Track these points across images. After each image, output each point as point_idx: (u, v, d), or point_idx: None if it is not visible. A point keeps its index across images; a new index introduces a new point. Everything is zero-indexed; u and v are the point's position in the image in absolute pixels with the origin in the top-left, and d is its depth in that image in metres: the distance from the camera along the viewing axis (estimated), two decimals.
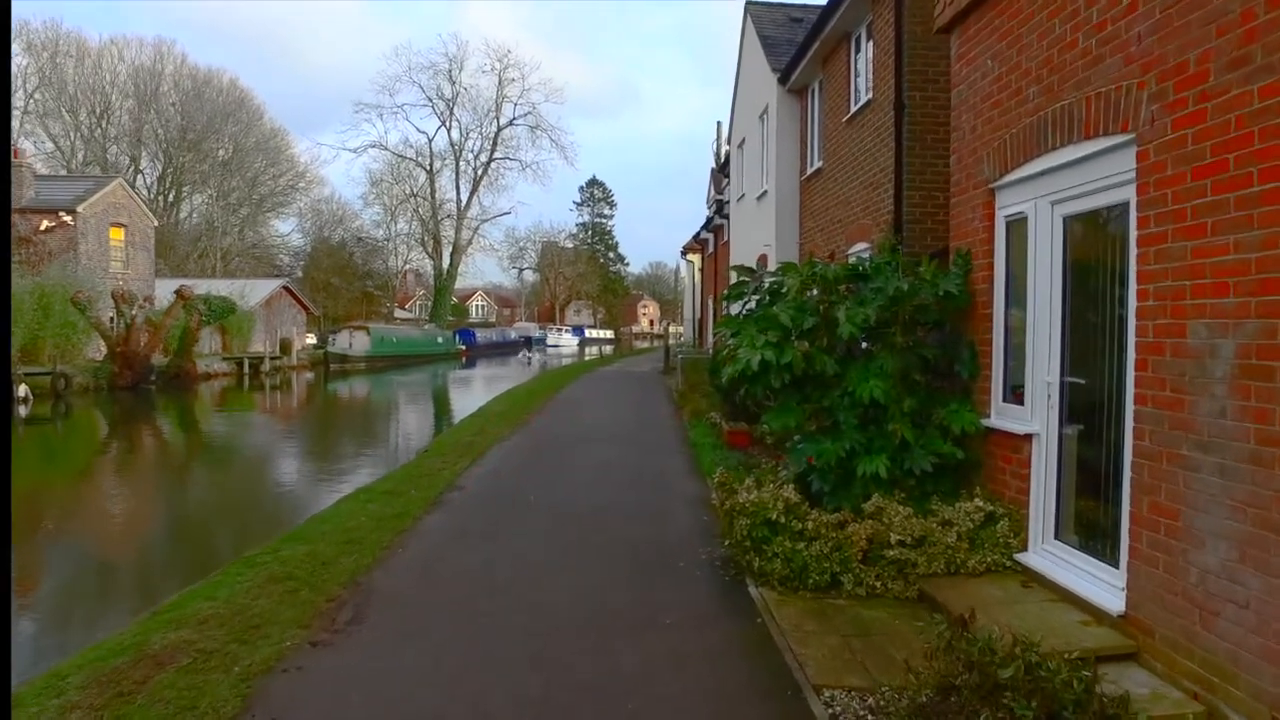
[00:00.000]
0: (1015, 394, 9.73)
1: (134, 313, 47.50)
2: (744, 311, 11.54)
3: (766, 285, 11.50)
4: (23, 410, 36.92)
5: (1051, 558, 9.01)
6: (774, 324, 10.54)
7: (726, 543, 10.27)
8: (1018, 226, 9.73)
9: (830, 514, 9.76)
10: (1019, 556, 9.32)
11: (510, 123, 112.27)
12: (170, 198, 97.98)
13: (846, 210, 18.33)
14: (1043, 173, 9.08)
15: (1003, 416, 9.90)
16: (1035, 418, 9.27)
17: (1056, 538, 9.07)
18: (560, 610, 8.93)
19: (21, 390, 39.26)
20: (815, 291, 10.98)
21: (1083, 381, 8.68)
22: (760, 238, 24.87)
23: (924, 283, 10.54)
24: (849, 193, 18.09)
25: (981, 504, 9.59)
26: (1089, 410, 8.56)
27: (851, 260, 14.51)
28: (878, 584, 9.29)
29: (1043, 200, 9.18)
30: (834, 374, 10.47)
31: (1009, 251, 9.95)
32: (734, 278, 11.93)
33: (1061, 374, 8.98)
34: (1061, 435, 9.03)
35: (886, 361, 10.37)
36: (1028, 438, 9.31)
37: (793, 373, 10.28)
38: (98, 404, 41.75)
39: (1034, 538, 9.30)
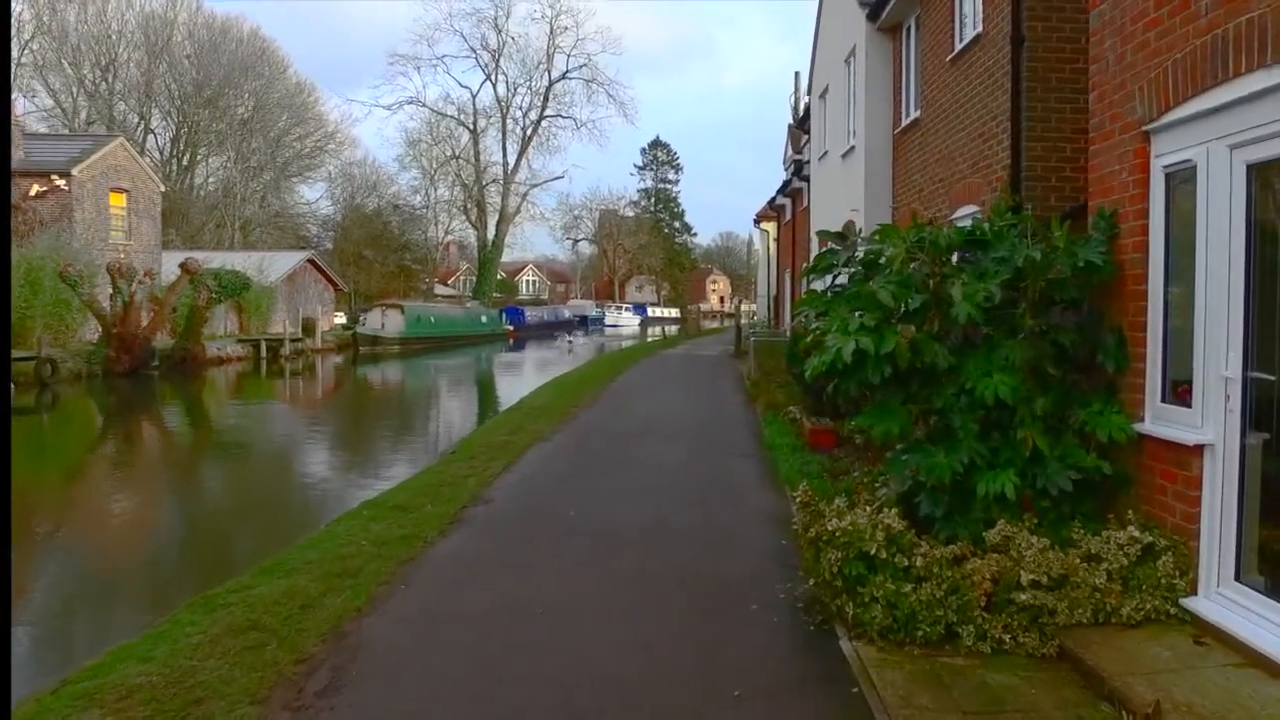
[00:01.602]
0: (1178, 392, 8.85)
1: (132, 289, 47.12)
2: (832, 288, 10.70)
3: (861, 255, 10.59)
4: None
5: (1232, 606, 8.04)
6: (871, 303, 9.64)
7: (811, 580, 9.20)
8: (1182, 179, 8.83)
9: (944, 546, 8.88)
10: (1186, 602, 8.35)
11: (563, 76, 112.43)
12: (184, 161, 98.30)
13: (950, 167, 17.68)
14: (1219, 108, 8.14)
15: (1162, 421, 9.01)
16: (1208, 423, 8.34)
17: (1238, 579, 8.12)
18: (601, 675, 7.89)
19: None
20: (921, 263, 9.92)
21: (1273, 378, 7.72)
22: (846, 201, 24.41)
23: (1057, 251, 9.60)
24: (953, 146, 17.44)
25: (1137, 533, 8.63)
26: None
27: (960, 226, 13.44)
28: (1005, 637, 8.29)
29: (1218, 144, 8.21)
30: (947, 367, 9.59)
31: (1169, 211, 9.07)
32: (816, 247, 10.89)
33: (1245, 368, 8.00)
34: (1244, 446, 8.07)
35: (1013, 351, 9.51)
36: (1197, 449, 8.37)
37: (895, 365, 9.40)
38: (90, 392, 41.59)
39: (1206, 578, 8.36)
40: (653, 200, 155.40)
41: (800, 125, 42.07)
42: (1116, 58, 9.66)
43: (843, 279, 10.75)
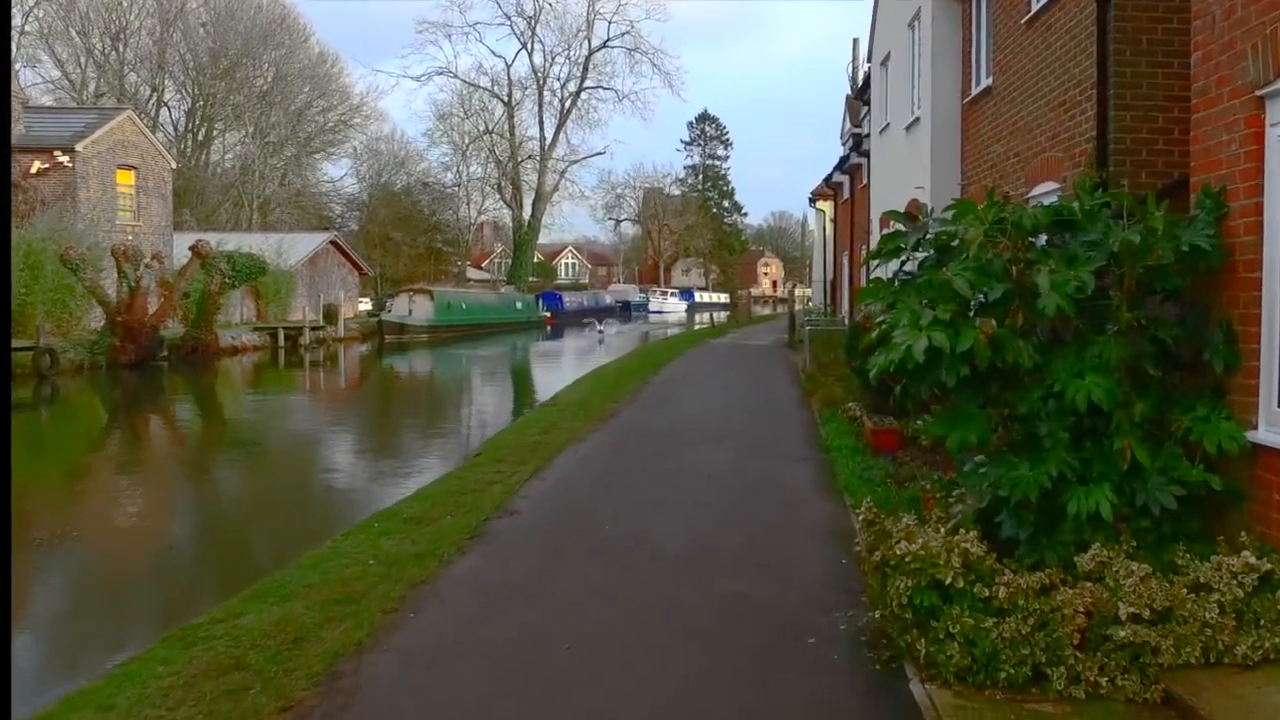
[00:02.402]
0: None
1: (139, 273, 47.06)
2: (900, 275, 10.15)
3: (932, 238, 10.01)
4: None
5: None
6: (945, 293, 9.10)
7: (876, 611, 8.68)
8: None
9: (1029, 573, 8.31)
10: None
11: (604, 45, 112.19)
12: (199, 136, 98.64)
13: (1026, 140, 17.21)
14: None
15: (1278, 429, 8.52)
16: None
17: None
18: None
19: None
20: (1002, 247, 9.43)
21: None
22: (910, 178, 24.08)
23: (1156, 234, 9.07)
24: (1030, 117, 16.94)
25: (1252, 559, 8.07)
26: None
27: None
28: (1101, 680, 7.78)
29: None
30: (1032, 366, 9.03)
31: None
32: (878, 229, 10.32)
33: None
34: None
35: (1107, 348, 8.95)
36: None
37: (973, 364, 8.86)
38: (93, 385, 41.66)
39: None
40: (700, 178, 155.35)
41: (859, 96, 41.86)
42: (1224, 12, 9.19)
43: (912, 265, 10.25)
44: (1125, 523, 8.68)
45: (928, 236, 10.06)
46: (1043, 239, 9.80)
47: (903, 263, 10.26)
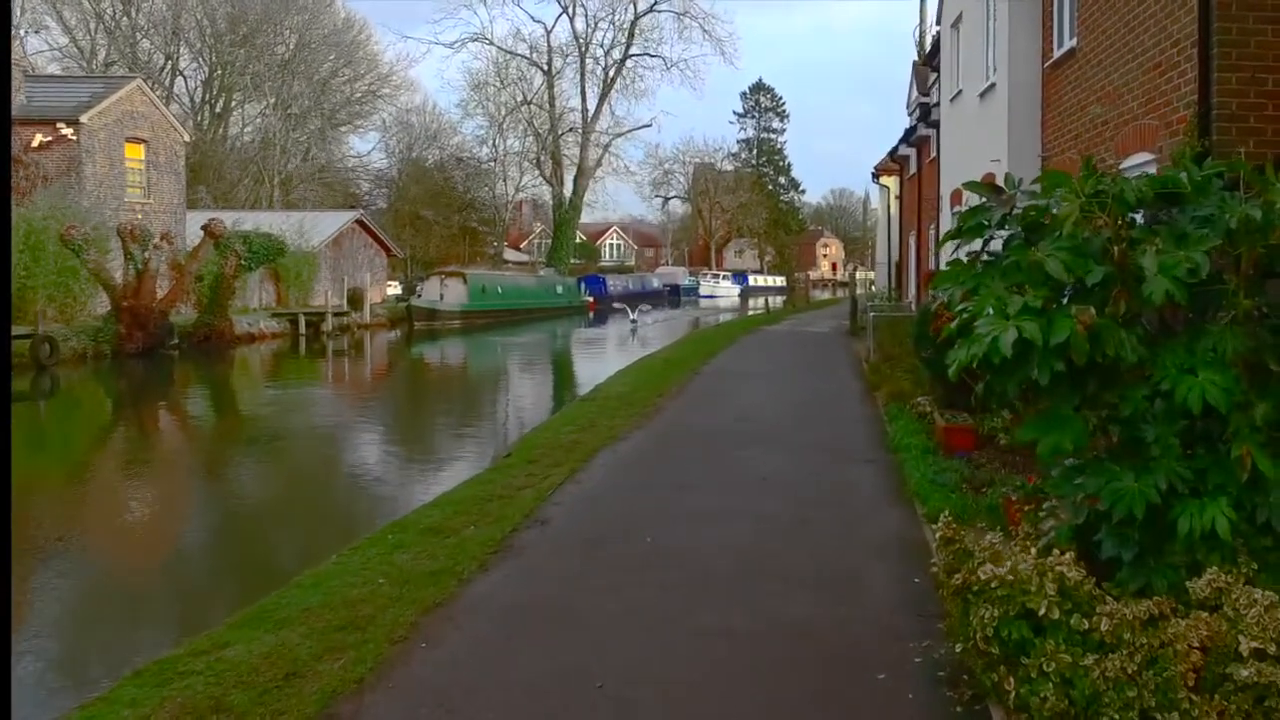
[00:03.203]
0: None
1: (146, 255, 47.07)
2: (981, 255, 9.66)
3: (1018, 213, 9.46)
4: None
5: None
6: (1036, 277, 8.62)
7: (958, 645, 8.20)
8: None
9: (1135, 601, 7.80)
10: None
11: (651, 9, 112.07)
12: (216, 108, 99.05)
13: (1116, 106, 16.71)
14: None
15: None
16: None
17: None
18: None
19: None
20: (1100, 224, 8.98)
21: None
22: (984, 150, 23.68)
23: (1276, 209, 8.60)
24: (1119, 80, 16.49)
25: None
26: None
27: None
28: None
29: None
30: (1136, 361, 8.55)
31: None
32: (948, 207, 9.80)
33: None
34: None
35: (1223, 340, 8.45)
36: None
37: (1068, 359, 8.36)
38: (96, 376, 41.83)
39: None
40: (755, 152, 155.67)
41: (928, 62, 42.03)
42: None
43: (996, 245, 9.74)
44: (1243, 541, 8.22)
45: (1015, 212, 9.52)
46: (1142, 215, 9.33)
47: (985, 242, 9.72)
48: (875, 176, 61.24)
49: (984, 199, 9.71)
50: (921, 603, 10.27)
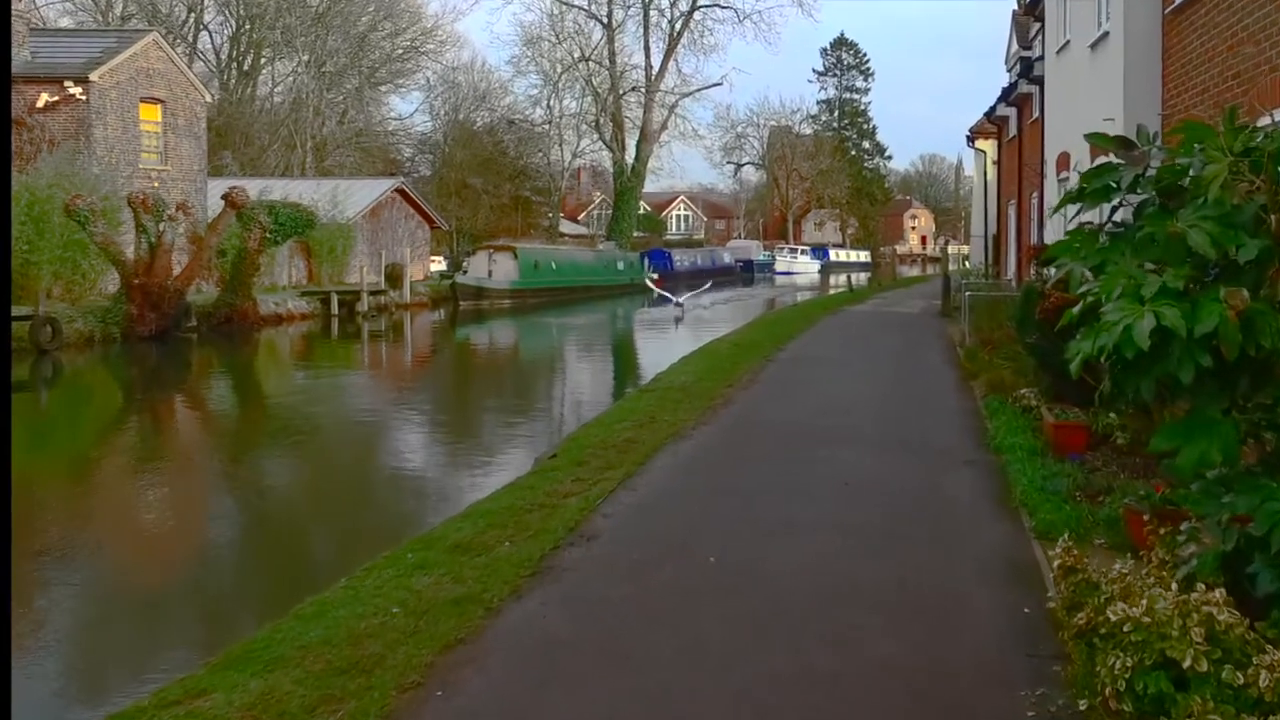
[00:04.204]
0: None
1: (160, 227, 46.72)
2: (1107, 225, 9.01)
3: (1151, 175, 8.75)
4: None
5: None
6: (1177, 252, 7.94)
7: (1083, 701, 7.69)
8: None
9: None
10: None
11: None
12: (244, 66, 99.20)
13: (1251, 56, 16.25)
14: None
15: None
16: None
17: None
18: None
19: None
20: (1252, 188, 8.27)
21: None
22: (1096, 108, 23.55)
23: None
24: (1256, 26, 15.97)
25: None
26: None
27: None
28: None
29: None
30: None
31: None
32: (1053, 171, 9.14)
33: None
34: None
35: None
36: None
37: (1217, 352, 7.62)
38: (104, 362, 41.91)
39: None
40: (836, 114, 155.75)
41: (1029, 10, 41.55)
42: None
43: (1124, 213, 9.11)
44: None
45: (1148, 173, 8.78)
46: None
47: (1113, 209, 9.00)
48: (970, 140, 61.81)
49: (1111, 156, 9.01)
50: (1033, 639, 9.65)
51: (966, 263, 72.01)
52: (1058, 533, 10.92)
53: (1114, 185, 8.84)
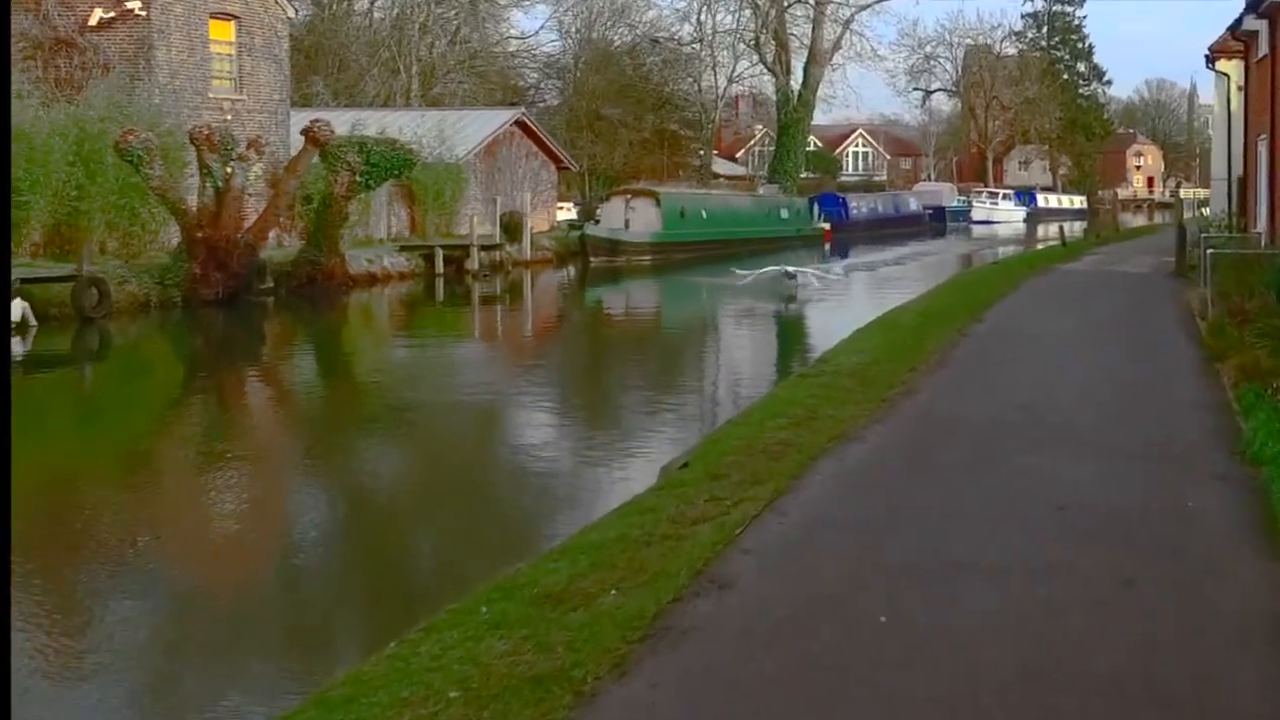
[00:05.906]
0: None
1: (228, 169, 45.92)
2: None
3: None
4: (18, 347, 35.15)
5: None
6: None
7: None
8: None
9: None
10: None
11: None
12: None
13: None
14: None
15: None
16: None
17: None
18: None
19: (17, 309, 35.95)
20: None
21: None
22: None
23: None
24: None
25: None
26: None
27: None
28: None
29: None
30: None
31: None
32: None
33: None
34: None
35: None
36: None
37: None
38: (162, 331, 42.08)
39: None
40: (1045, 31, 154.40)
41: None
42: None
43: None
44: None
45: None
46: None
47: None
48: (1209, 61, 59.67)
49: None
50: None
51: (1204, 210, 71.08)
52: None
53: None
